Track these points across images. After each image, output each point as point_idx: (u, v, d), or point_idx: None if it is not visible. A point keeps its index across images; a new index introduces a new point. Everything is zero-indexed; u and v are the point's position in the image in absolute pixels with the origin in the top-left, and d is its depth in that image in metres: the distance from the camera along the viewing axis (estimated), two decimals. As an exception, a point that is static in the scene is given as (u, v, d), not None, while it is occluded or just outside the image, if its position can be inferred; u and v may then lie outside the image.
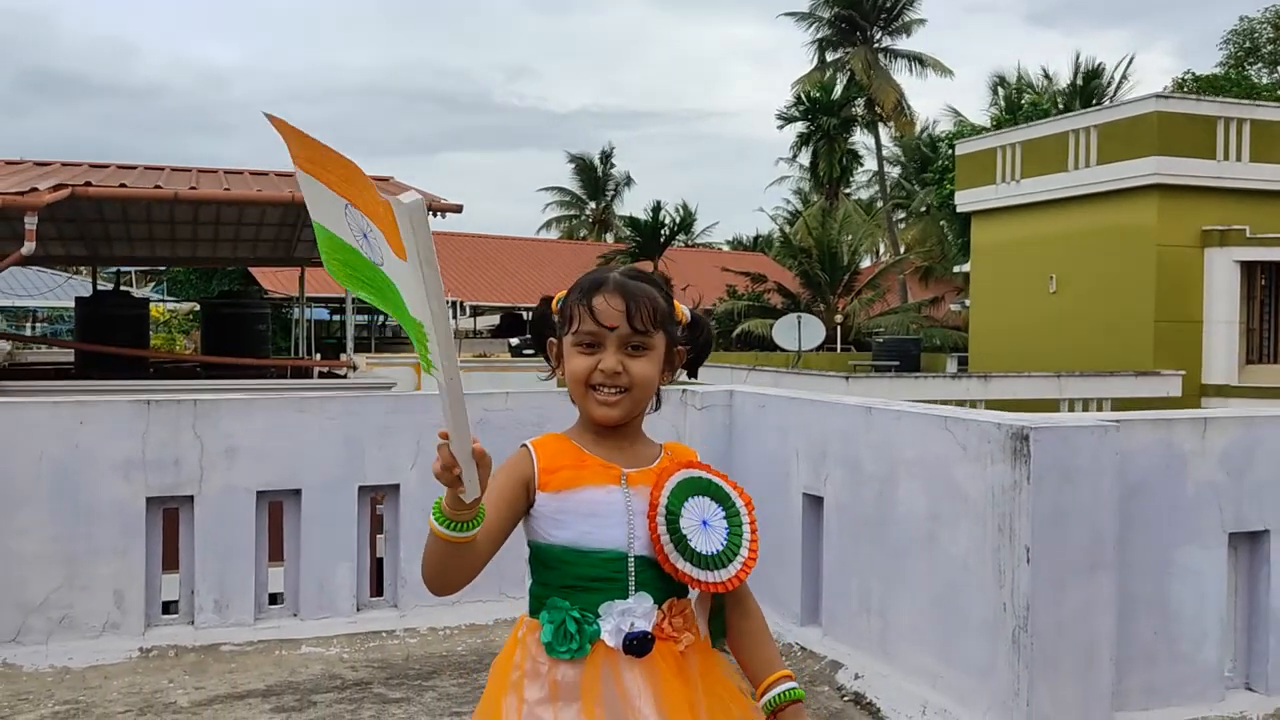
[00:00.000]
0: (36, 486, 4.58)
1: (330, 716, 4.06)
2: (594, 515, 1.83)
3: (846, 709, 4.24)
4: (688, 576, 1.84)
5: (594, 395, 1.86)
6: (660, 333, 1.89)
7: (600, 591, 1.82)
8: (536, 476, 1.84)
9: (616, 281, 1.88)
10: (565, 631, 1.79)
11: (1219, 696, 4.03)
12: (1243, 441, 4.04)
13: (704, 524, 1.88)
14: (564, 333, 1.90)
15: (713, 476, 1.93)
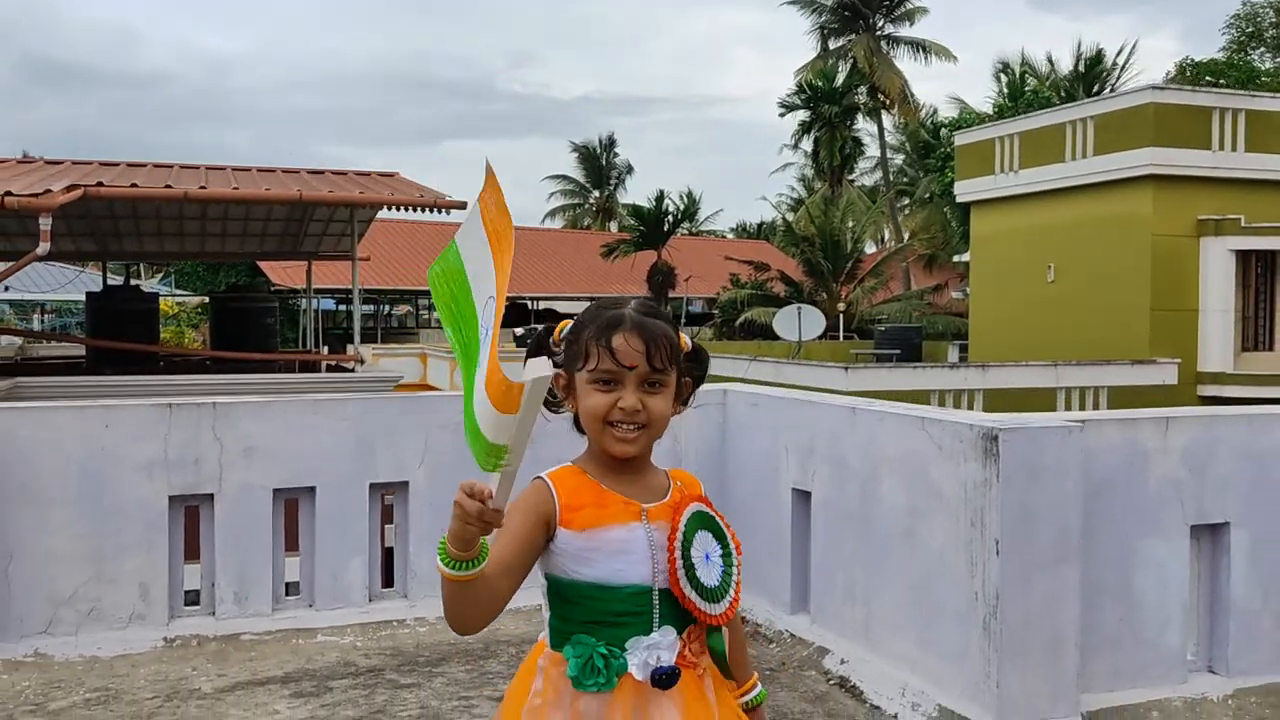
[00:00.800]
0: (65, 487, 4.84)
1: (346, 701, 4.32)
2: (621, 553, 1.85)
3: (832, 692, 4.49)
4: (693, 606, 1.87)
5: (612, 432, 1.88)
6: (674, 368, 1.92)
7: (626, 626, 1.84)
8: (558, 514, 1.85)
9: (634, 320, 1.88)
10: (593, 666, 1.81)
11: (1182, 679, 4.27)
12: (1203, 439, 4.28)
13: (706, 558, 1.92)
14: (577, 368, 1.90)
15: (713, 514, 1.97)
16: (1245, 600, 4.36)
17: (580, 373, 1.89)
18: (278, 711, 4.23)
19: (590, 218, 62.67)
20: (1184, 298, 19.04)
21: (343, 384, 13.78)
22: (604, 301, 1.94)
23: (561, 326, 1.97)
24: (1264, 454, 4.34)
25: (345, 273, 26.85)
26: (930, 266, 44.56)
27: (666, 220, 41.23)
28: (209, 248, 20.14)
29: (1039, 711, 3.87)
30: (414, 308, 50.02)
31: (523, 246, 46.12)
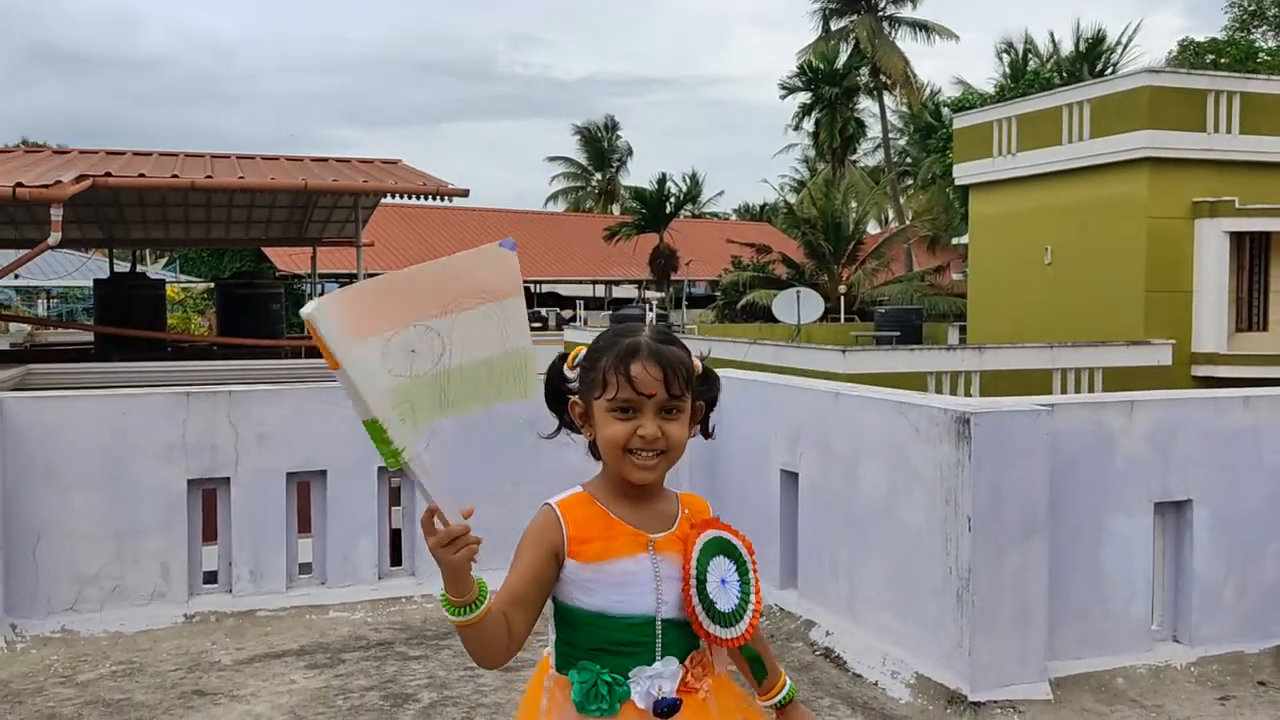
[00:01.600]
0: (88, 471, 5.09)
1: (358, 672, 4.58)
2: (625, 585, 1.87)
3: (817, 662, 4.75)
4: (715, 638, 1.92)
5: (632, 459, 1.88)
6: (689, 394, 1.93)
7: (629, 655, 1.87)
8: (566, 545, 1.88)
9: (651, 348, 1.88)
10: (597, 693, 1.85)
11: (1147, 648, 4.52)
12: (1167, 421, 4.51)
13: (723, 582, 1.94)
14: (595, 396, 1.91)
15: (724, 533, 1.98)
16: (1207, 573, 4.60)
17: (599, 401, 1.90)
18: (294, 681, 4.49)
19: (593, 200, 62.80)
20: (1179, 279, 19.24)
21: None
22: (619, 329, 1.95)
23: (575, 353, 1.98)
24: (1225, 435, 4.58)
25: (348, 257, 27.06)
26: (933, 248, 44.67)
27: (669, 203, 41.38)
28: (214, 235, 20.36)
29: (1008, 678, 4.12)
30: (417, 291, 50.19)
31: (526, 229, 46.35)
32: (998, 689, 4.10)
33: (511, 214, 48.73)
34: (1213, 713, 4.22)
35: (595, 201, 62.39)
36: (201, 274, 38.36)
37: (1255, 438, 4.64)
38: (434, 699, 4.28)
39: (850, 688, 4.45)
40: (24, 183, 11.08)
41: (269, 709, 4.20)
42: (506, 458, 5.35)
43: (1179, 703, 4.29)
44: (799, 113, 49.67)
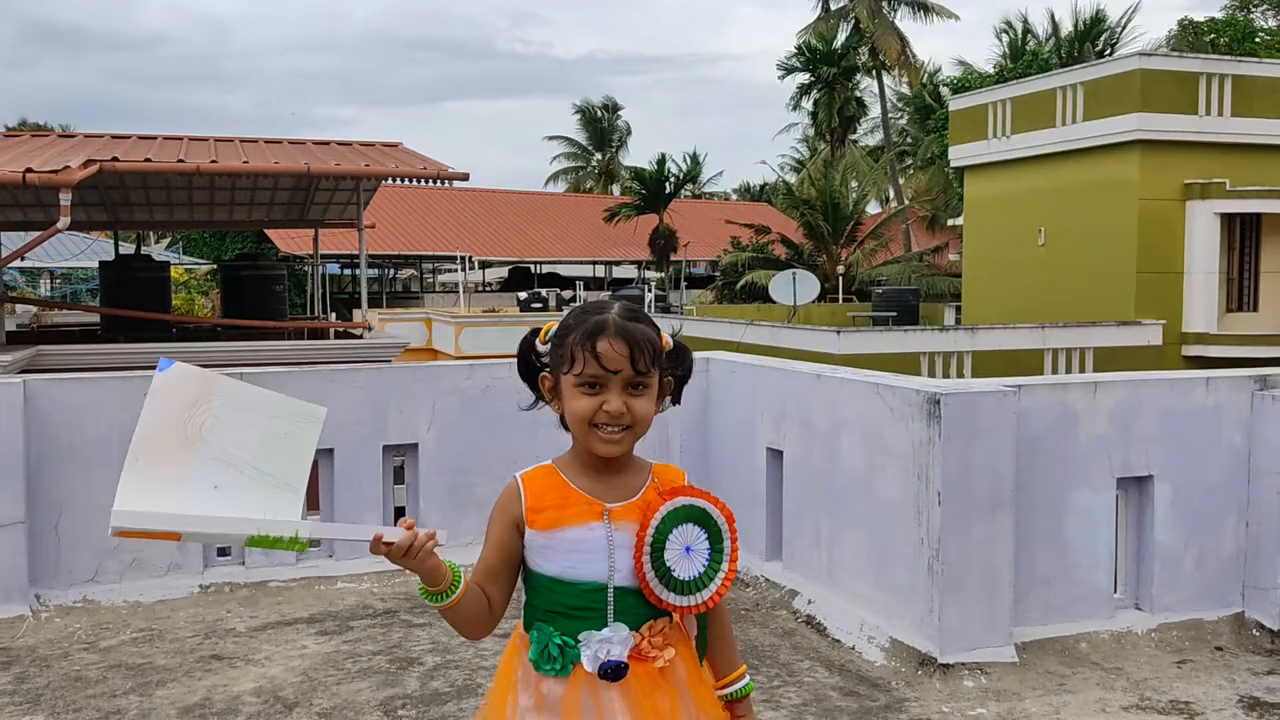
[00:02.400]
0: (109, 448, 5.34)
1: (366, 638, 4.86)
2: (576, 552, 1.94)
3: (799, 628, 5.02)
4: (670, 605, 1.96)
5: (597, 433, 1.94)
6: (656, 370, 1.97)
7: (581, 619, 1.94)
8: (524, 515, 1.96)
9: (618, 325, 1.93)
10: (548, 653, 1.93)
11: (1109, 614, 4.79)
12: (1129, 400, 4.77)
13: (687, 550, 1.97)
14: (563, 371, 1.96)
15: (696, 500, 2.01)
16: (1168, 545, 4.86)
17: (566, 376, 1.95)
18: (305, 646, 4.77)
19: (592, 180, 62.92)
20: (1170, 260, 19.47)
21: (352, 350, 14.29)
22: (588, 306, 2.00)
23: (547, 329, 2.04)
24: (1185, 413, 4.83)
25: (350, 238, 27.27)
26: (932, 228, 44.86)
27: (668, 184, 41.55)
28: (217, 216, 20.60)
29: (975, 641, 4.39)
30: (418, 272, 50.44)
31: (526, 210, 46.51)
32: (965, 652, 4.37)
33: (511, 194, 48.87)
34: (1170, 675, 4.49)
35: (595, 182, 62.52)
36: (204, 255, 38.60)
37: (1215, 417, 4.89)
38: (437, 662, 4.55)
39: (829, 652, 4.72)
40: (33, 168, 11.33)
41: (283, 671, 4.48)
42: (503, 436, 5.61)
43: (1138, 665, 4.56)
44: (797, 93, 49.77)
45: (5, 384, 5.20)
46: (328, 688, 4.31)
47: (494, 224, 44.39)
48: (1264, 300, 19.19)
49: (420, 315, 32.89)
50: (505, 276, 47.95)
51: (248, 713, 4.07)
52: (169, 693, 4.27)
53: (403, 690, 4.27)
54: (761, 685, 4.31)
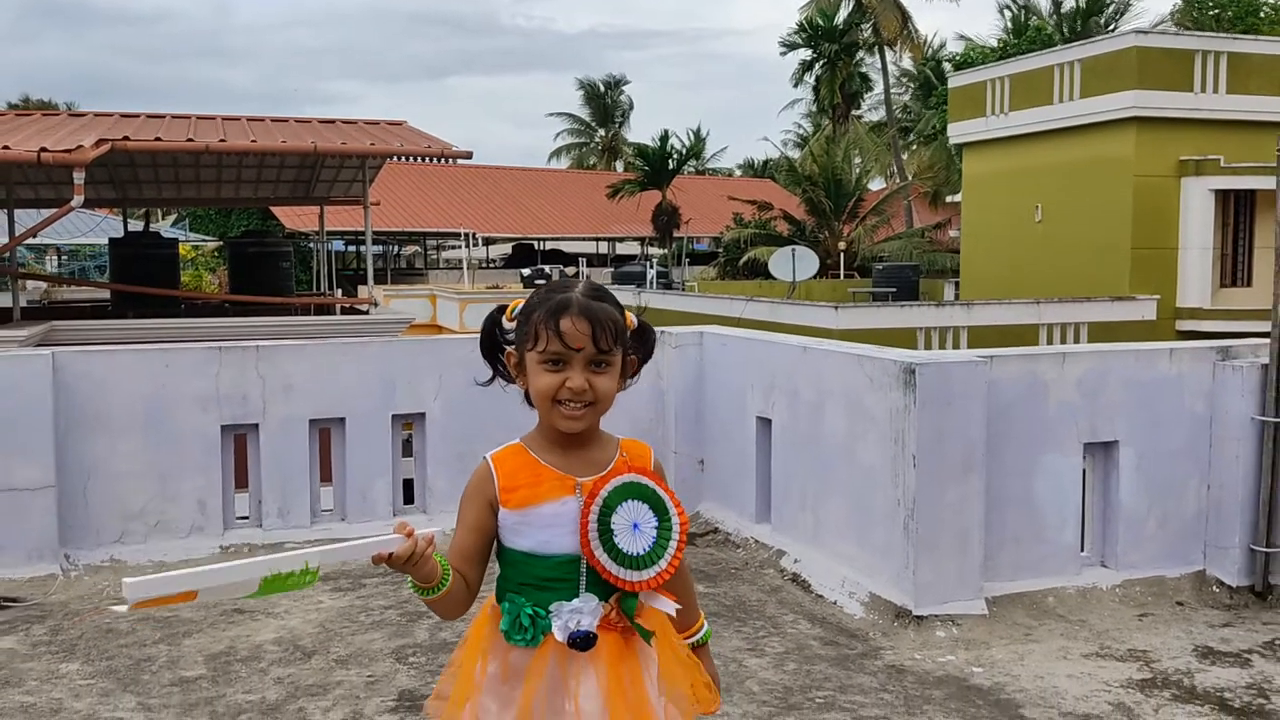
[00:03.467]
0: (132, 418, 5.66)
1: (377, 594, 5.17)
2: (550, 527, 1.99)
3: (786, 585, 5.33)
4: (606, 571, 1.98)
5: (560, 409, 1.98)
6: (619, 348, 2.01)
7: (553, 591, 1.99)
8: (498, 495, 2.02)
9: (581, 304, 1.96)
10: (520, 624, 1.98)
11: (1076, 571, 5.09)
12: (1096, 370, 5.05)
13: (634, 526, 2.01)
14: (527, 348, 2.01)
15: (653, 485, 2.04)
16: (1132, 506, 5.16)
17: (531, 353, 2.00)
18: (321, 602, 5.08)
19: (596, 156, 63.00)
20: (1165, 236, 19.71)
21: (358, 326, 14.57)
22: (553, 284, 2.05)
23: (513, 306, 2.08)
24: (1149, 383, 5.12)
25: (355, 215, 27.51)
26: (934, 203, 44.99)
27: (671, 160, 41.70)
28: (224, 194, 20.85)
29: (948, 595, 4.69)
30: (422, 248, 50.67)
31: (529, 186, 46.70)
32: (938, 605, 4.67)
33: (515, 171, 49.03)
34: (1131, 627, 4.79)
35: (599, 158, 62.59)
36: (209, 232, 38.84)
37: (1178, 386, 5.18)
38: (445, 616, 4.86)
39: (812, 606, 5.03)
40: (47, 147, 11.59)
41: (301, 623, 4.80)
42: (507, 406, 5.90)
43: (1101, 618, 4.86)
44: (799, 70, 49.78)
45: (35, 355, 5.50)
46: (343, 638, 4.62)
47: (498, 201, 44.58)
48: (1257, 275, 19.41)
49: (425, 292, 33.16)
50: (509, 253, 48.19)
51: (270, 659, 4.39)
52: (195, 642, 4.59)
53: (413, 640, 4.59)
54: (748, 636, 4.62)
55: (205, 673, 4.27)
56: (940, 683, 4.16)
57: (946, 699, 4.01)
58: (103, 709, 3.95)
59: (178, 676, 4.23)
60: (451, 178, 44.14)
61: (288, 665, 4.33)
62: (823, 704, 3.95)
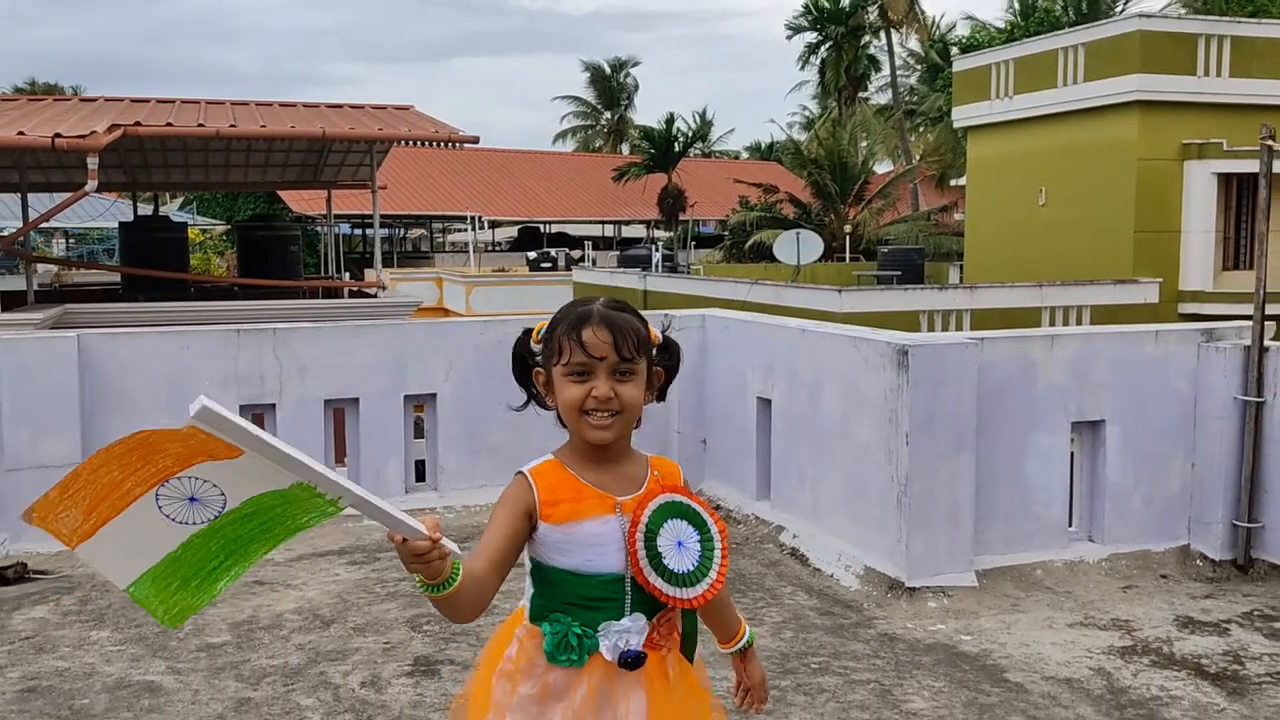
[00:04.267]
0: (155, 397, 5.87)
1: (391, 567, 5.38)
2: (594, 545, 1.97)
3: (785, 559, 5.53)
4: (658, 591, 1.97)
5: (588, 420, 1.98)
6: (643, 358, 2.01)
7: (599, 610, 1.97)
8: (538, 508, 1.97)
9: (601, 314, 1.99)
10: (567, 644, 1.95)
11: (1064, 545, 5.29)
12: (1084, 352, 5.23)
13: (679, 544, 2.00)
14: (554, 364, 2.02)
15: (690, 502, 2.05)
16: (1118, 483, 5.35)
17: (556, 367, 2.01)
18: (338, 574, 5.29)
19: (601, 139, 63.02)
20: (1168, 219, 19.81)
21: (367, 309, 14.77)
22: (577, 300, 2.09)
23: (539, 328, 2.10)
24: (1135, 364, 5.30)
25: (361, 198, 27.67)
26: (940, 186, 45.00)
27: (676, 143, 41.76)
28: (232, 178, 21.02)
29: (939, 568, 4.89)
30: (428, 231, 50.83)
31: (535, 170, 46.79)
32: (930, 577, 4.87)
33: (521, 154, 49.12)
34: (1115, 598, 4.99)
35: (605, 140, 62.61)
36: (216, 215, 39.04)
37: (1164, 367, 5.36)
38: (457, 587, 5.07)
39: (810, 579, 5.23)
40: (61, 133, 11.77)
41: (319, 594, 5.01)
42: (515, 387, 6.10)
43: (1087, 590, 5.06)
44: (805, 52, 49.75)
45: (62, 337, 5.71)
46: (360, 607, 4.83)
47: (503, 184, 44.69)
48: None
49: (431, 275, 33.36)
50: (514, 236, 48.33)
51: (291, 627, 4.60)
52: (220, 611, 4.80)
53: (427, 610, 4.79)
54: (747, 607, 4.82)
55: (230, 639, 4.48)
56: (930, 649, 4.36)
57: (935, 664, 4.21)
58: (134, 672, 4.17)
59: (204, 643, 4.45)
60: (457, 161, 44.25)
61: (308, 633, 4.55)
62: (817, 669, 4.15)
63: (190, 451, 1.56)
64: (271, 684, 4.05)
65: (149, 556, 1.60)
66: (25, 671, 4.20)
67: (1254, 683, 4.09)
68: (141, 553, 1.60)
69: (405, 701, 3.88)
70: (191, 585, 1.63)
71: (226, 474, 1.57)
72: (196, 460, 1.56)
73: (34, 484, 5.56)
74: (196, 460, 1.56)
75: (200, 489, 1.59)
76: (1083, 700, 3.91)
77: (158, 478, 1.57)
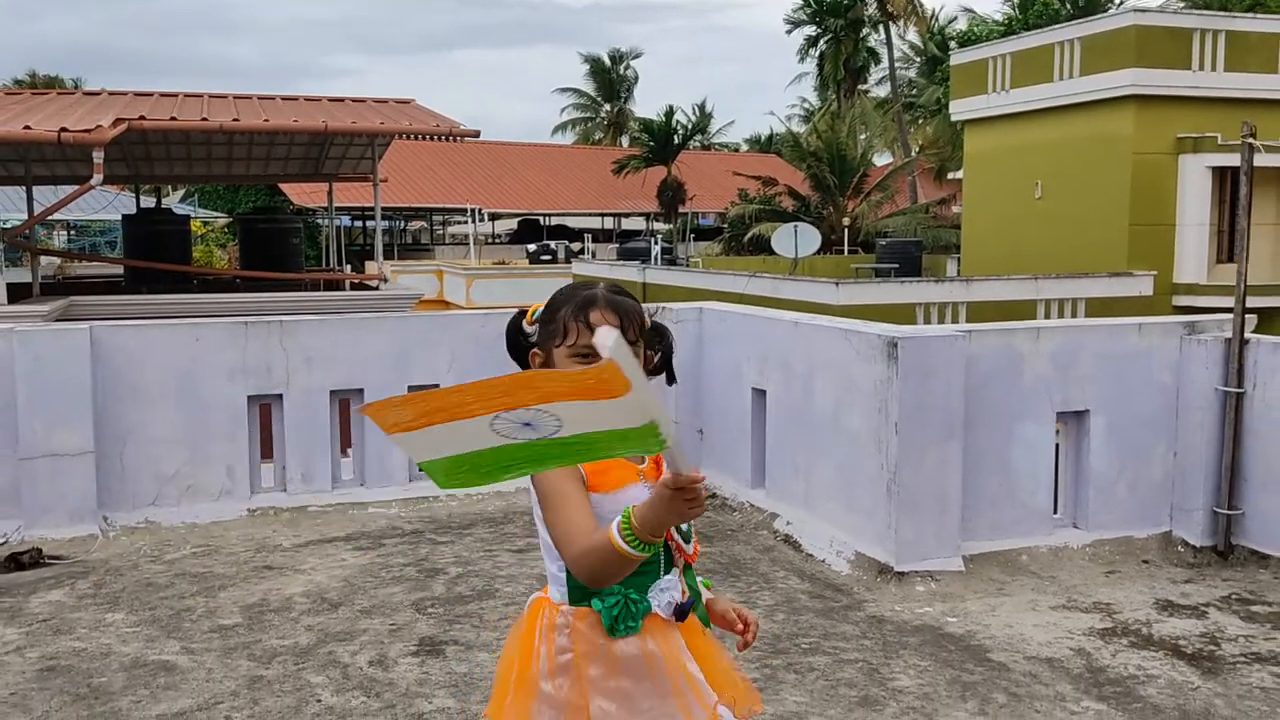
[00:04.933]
0: (165, 388, 6.02)
1: (396, 553, 5.54)
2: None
3: (778, 545, 5.69)
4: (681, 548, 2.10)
5: None
6: (641, 341, 2.09)
7: (645, 574, 2.01)
8: (585, 479, 2.00)
9: (606, 298, 2.06)
10: (626, 613, 2.00)
11: (1049, 532, 5.44)
12: (1068, 344, 5.38)
13: None
14: (554, 345, 2.06)
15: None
16: (1102, 471, 5.50)
17: (559, 349, 2.06)
18: (344, 560, 5.45)
19: (601, 131, 63.08)
20: (1162, 213, 19.96)
21: (369, 301, 14.91)
22: (576, 284, 2.14)
23: (533, 309, 2.15)
24: (1118, 356, 5.45)
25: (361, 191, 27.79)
26: (939, 179, 45.10)
27: (676, 135, 41.86)
28: (235, 171, 21.13)
29: (927, 553, 5.05)
30: (428, 224, 50.93)
31: (534, 162, 46.87)
32: (918, 562, 5.03)
33: (520, 147, 49.18)
34: (1098, 582, 5.15)
35: (604, 133, 62.67)
36: (218, 207, 39.15)
37: (1147, 359, 5.51)
38: (460, 572, 5.24)
39: (802, 564, 5.39)
40: (67, 127, 11.90)
41: (326, 578, 5.17)
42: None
43: (1071, 574, 5.22)
44: (805, 45, 49.81)
45: (75, 330, 5.86)
46: (366, 591, 4.99)
47: (503, 176, 44.78)
48: (1253, 251, 19.59)
49: (431, 267, 33.48)
50: (514, 229, 48.43)
51: (300, 610, 4.76)
52: (230, 594, 4.96)
53: (431, 593, 4.95)
54: (741, 591, 4.98)
55: (241, 621, 4.64)
56: (916, 631, 4.52)
57: (921, 645, 4.37)
58: (149, 652, 4.33)
59: (216, 624, 4.61)
60: (457, 153, 44.33)
61: (316, 615, 4.70)
62: (808, 649, 4.31)
63: (570, 390, 1.53)
64: (283, 663, 4.20)
65: (456, 449, 1.63)
66: (44, 651, 4.36)
67: (1229, 663, 4.25)
68: (451, 446, 1.63)
69: (411, 679, 4.04)
70: (481, 470, 1.65)
71: (586, 411, 1.55)
72: (566, 398, 1.53)
73: (47, 473, 5.74)
74: (566, 398, 1.53)
75: (538, 417, 1.57)
76: (1062, 678, 4.07)
77: (507, 406, 1.56)
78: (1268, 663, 4.25)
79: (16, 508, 5.75)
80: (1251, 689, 4.01)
